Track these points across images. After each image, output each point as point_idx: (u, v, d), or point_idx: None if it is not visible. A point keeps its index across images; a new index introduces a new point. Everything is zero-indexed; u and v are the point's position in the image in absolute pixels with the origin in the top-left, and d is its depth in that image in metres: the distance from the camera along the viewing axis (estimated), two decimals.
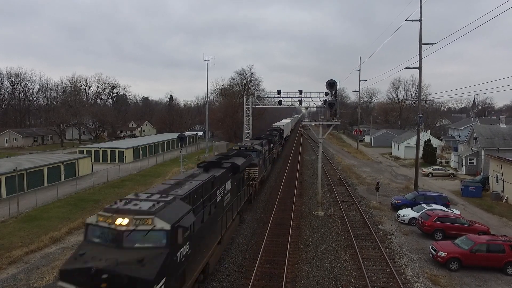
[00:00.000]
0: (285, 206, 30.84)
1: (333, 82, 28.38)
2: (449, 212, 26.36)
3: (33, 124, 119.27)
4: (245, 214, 28.09)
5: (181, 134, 40.63)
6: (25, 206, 32.12)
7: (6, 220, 28.49)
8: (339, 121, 30.77)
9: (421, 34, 35.55)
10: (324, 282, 17.88)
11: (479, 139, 50.19)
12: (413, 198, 30.78)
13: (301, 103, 60.99)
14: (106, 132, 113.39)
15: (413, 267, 19.91)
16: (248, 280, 17.44)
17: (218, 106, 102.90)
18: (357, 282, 17.91)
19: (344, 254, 21.21)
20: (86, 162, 50.03)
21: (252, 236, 23.83)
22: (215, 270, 18.55)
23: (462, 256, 19.70)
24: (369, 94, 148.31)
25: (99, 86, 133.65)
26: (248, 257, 20.47)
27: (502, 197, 35.91)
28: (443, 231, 24.04)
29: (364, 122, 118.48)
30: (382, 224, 27.18)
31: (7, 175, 35.66)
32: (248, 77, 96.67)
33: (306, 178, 44.20)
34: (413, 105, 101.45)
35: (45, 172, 41.67)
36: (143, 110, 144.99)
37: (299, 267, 19.37)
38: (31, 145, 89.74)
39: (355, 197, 34.73)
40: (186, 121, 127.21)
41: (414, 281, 18.21)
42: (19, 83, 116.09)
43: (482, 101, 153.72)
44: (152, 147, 71.41)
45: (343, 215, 28.74)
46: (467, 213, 30.78)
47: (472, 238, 20.74)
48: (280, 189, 37.18)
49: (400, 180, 46.26)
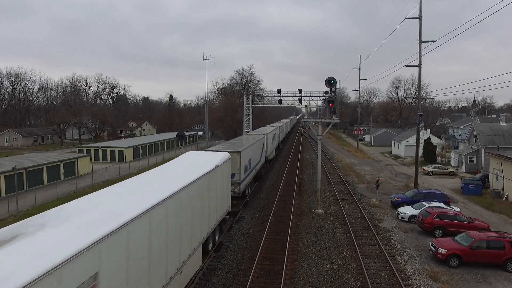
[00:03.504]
0: (284, 204, 30.78)
1: (332, 80, 28.33)
2: (449, 210, 26.27)
3: (33, 124, 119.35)
4: (244, 212, 28.07)
5: (180, 132, 40.58)
6: (24, 205, 32.09)
7: (5, 219, 28.46)
8: (339, 118, 30.66)
9: (421, 31, 35.48)
10: (324, 279, 17.82)
11: (479, 137, 50.07)
12: (413, 196, 30.69)
13: (301, 102, 60.87)
14: (106, 132, 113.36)
15: (412, 264, 19.84)
16: (247, 277, 17.39)
17: (218, 105, 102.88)
18: (357, 278, 17.84)
19: (344, 251, 21.15)
20: (86, 161, 50.00)
21: (252, 233, 23.78)
22: (213, 267, 18.51)
23: (462, 253, 19.61)
24: (369, 94, 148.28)
25: (99, 86, 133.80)
26: (247, 254, 20.42)
27: (502, 194, 35.82)
28: (443, 228, 23.95)
29: (364, 121, 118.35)
30: (382, 221, 27.11)
31: (6, 173, 35.62)
32: (248, 76, 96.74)
33: (306, 177, 44.13)
34: (413, 104, 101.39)
35: (44, 171, 41.62)
36: (143, 110, 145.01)
37: (298, 264, 19.31)
38: (31, 144, 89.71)
39: (355, 195, 34.66)
40: (186, 120, 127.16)
41: (414, 277, 18.15)
42: (19, 83, 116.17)
43: (482, 100, 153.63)
44: (152, 146, 71.37)
45: (342, 212, 28.67)
46: (467, 210, 30.69)
47: (472, 235, 20.65)
48: (279, 187, 37.13)
49: (400, 178, 46.17)
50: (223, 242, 21.06)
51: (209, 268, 18.33)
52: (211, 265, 18.66)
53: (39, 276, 6.31)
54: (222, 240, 20.89)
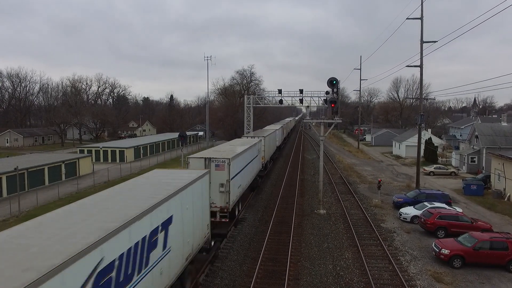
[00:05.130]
0: (286, 205, 30.77)
1: (335, 80, 28.30)
2: (451, 210, 26.26)
3: (33, 124, 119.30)
4: (247, 212, 28.04)
5: (182, 132, 40.58)
6: (26, 205, 32.07)
7: (7, 219, 28.45)
8: (341, 119, 30.62)
9: (422, 32, 35.48)
10: (327, 279, 17.80)
11: (481, 137, 50.05)
12: (415, 196, 30.68)
13: (302, 102, 60.92)
14: (106, 132, 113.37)
15: (416, 264, 19.83)
16: (251, 278, 17.37)
17: (218, 105, 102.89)
18: (360, 279, 17.83)
19: (347, 252, 21.13)
20: (87, 161, 50.00)
21: (254, 234, 23.76)
22: (217, 268, 18.49)
23: (465, 254, 19.60)
24: (370, 94, 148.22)
25: (100, 86, 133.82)
26: (250, 255, 20.41)
27: (504, 195, 35.80)
28: (446, 229, 23.94)
29: (365, 122, 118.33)
30: (384, 222, 27.09)
31: (8, 174, 35.61)
32: (249, 76, 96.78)
33: (307, 177, 44.12)
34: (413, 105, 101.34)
35: (46, 172, 41.61)
36: (144, 110, 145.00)
37: (301, 265, 19.30)
38: (31, 145, 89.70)
39: (357, 196, 34.65)
40: (187, 121, 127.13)
41: (417, 278, 18.13)
42: (19, 83, 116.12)
43: (482, 100, 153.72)
44: (153, 146, 71.36)
45: (345, 213, 28.65)
46: (469, 211, 30.67)
47: (475, 235, 20.64)
48: (281, 187, 37.11)
49: (401, 178, 46.16)
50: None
51: (212, 270, 18.32)
52: (214, 266, 18.65)
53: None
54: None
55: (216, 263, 18.96)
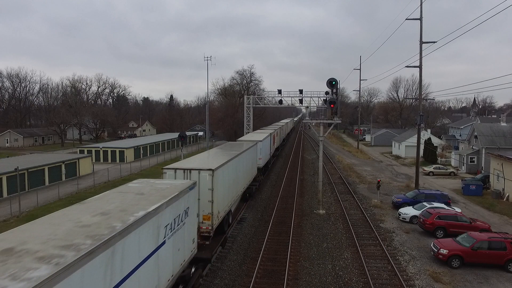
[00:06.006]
0: (286, 205, 30.88)
1: (334, 81, 28.41)
2: (450, 210, 26.36)
3: (33, 125, 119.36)
4: (246, 212, 28.13)
5: (182, 133, 40.65)
6: (26, 206, 32.15)
7: (7, 219, 28.54)
8: (340, 119, 30.71)
9: (421, 32, 35.60)
10: (326, 279, 17.91)
11: (480, 137, 50.17)
12: (414, 197, 30.78)
13: (301, 103, 61.09)
14: (106, 132, 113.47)
15: (414, 264, 19.93)
16: (250, 278, 17.48)
17: (218, 105, 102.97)
18: (359, 279, 17.94)
19: (346, 252, 21.24)
20: (87, 161, 50.07)
21: (254, 234, 23.86)
22: (216, 268, 18.59)
23: (464, 254, 19.71)
24: (369, 94, 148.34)
25: (100, 87, 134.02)
26: (250, 255, 20.51)
27: (503, 195, 35.91)
28: (445, 229, 24.05)
29: (365, 122, 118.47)
30: (383, 222, 27.20)
31: (8, 174, 35.68)
32: (249, 76, 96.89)
33: (307, 177, 44.22)
34: (413, 105, 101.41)
35: (46, 172, 41.70)
36: (144, 110, 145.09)
37: (300, 265, 19.40)
38: (31, 145, 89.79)
39: (356, 196, 34.75)
40: (187, 121, 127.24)
41: (416, 278, 18.24)
42: (19, 84, 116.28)
43: (482, 100, 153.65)
44: (153, 147, 71.47)
45: (344, 213, 28.76)
46: (468, 211, 30.78)
47: (473, 235, 20.74)
48: (281, 187, 37.21)
49: (400, 179, 46.26)
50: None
51: (212, 269, 18.42)
52: (214, 266, 18.76)
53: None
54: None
55: (216, 263, 19.06)
